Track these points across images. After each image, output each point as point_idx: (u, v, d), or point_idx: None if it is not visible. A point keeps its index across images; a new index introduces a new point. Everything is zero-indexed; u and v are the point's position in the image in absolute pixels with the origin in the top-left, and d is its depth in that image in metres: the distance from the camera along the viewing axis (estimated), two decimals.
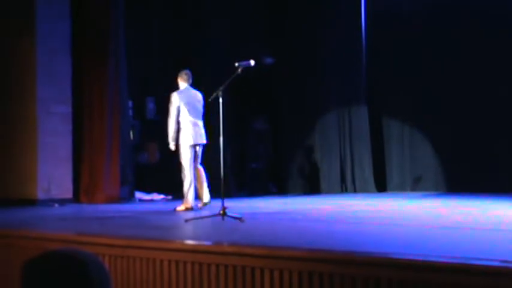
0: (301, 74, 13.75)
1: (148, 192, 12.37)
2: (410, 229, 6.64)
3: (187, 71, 9.91)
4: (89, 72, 11.65)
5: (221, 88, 7.84)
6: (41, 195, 10.90)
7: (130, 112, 12.47)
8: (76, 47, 11.51)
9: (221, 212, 7.26)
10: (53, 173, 11.04)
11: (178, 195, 12.35)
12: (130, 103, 12.35)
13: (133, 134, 12.51)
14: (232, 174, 12.83)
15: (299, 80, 13.82)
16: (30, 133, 11.11)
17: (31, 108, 11.12)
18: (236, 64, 7.90)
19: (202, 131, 9.70)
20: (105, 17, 11.55)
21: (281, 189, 13.46)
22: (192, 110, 9.60)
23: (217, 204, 7.53)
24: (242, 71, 7.86)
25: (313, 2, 13.82)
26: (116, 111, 11.58)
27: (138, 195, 12.06)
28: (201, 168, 9.81)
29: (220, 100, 7.71)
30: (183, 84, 9.81)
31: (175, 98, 9.58)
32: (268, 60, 13.46)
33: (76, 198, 11.35)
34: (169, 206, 11.06)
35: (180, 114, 9.54)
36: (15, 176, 11.20)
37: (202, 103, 9.74)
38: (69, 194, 11.22)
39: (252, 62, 7.90)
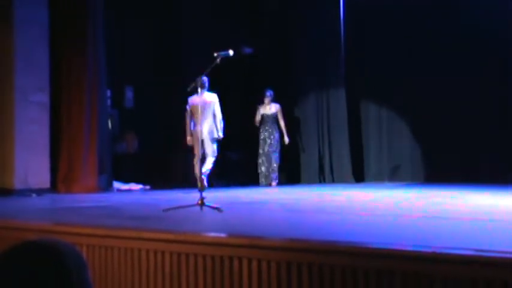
0: (280, 64, 13.81)
1: (127, 182, 12.34)
2: (387, 219, 6.66)
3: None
4: (68, 61, 11.59)
5: (200, 78, 7.82)
6: (18, 185, 10.83)
7: (109, 101, 12.41)
8: (54, 35, 11.44)
9: (199, 202, 7.26)
10: (30, 163, 10.97)
11: (156, 185, 12.37)
12: (108, 92, 12.29)
13: (111, 123, 12.47)
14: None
15: (278, 70, 13.89)
16: (7, 121, 11.03)
17: (8, 97, 11.03)
18: (215, 54, 7.87)
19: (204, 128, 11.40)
20: (84, 5, 11.49)
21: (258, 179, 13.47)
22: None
23: (195, 194, 7.52)
24: (221, 60, 7.85)
25: None
26: (94, 100, 11.52)
27: (116, 185, 12.03)
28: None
29: (199, 90, 7.69)
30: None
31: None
32: (247, 50, 13.47)
33: (54, 188, 11.30)
34: (147, 195, 11.05)
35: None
36: None
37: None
38: (46, 184, 11.16)
39: (231, 52, 7.89)
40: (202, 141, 11.13)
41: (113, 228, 5.69)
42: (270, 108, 13.29)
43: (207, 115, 11.47)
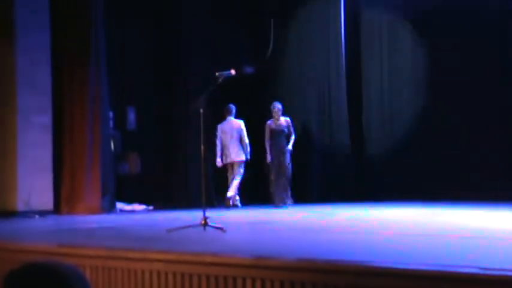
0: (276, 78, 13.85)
1: (130, 202, 12.33)
2: (390, 237, 6.65)
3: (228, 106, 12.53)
4: (70, 83, 11.62)
5: (201, 98, 7.80)
6: (21, 206, 10.83)
7: (111, 122, 12.43)
8: (56, 57, 11.48)
9: (202, 222, 7.25)
10: (33, 184, 10.97)
11: (159, 205, 12.36)
12: (111, 113, 12.31)
13: (114, 144, 12.47)
14: (214, 184, 12.82)
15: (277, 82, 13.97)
16: (10, 143, 11.05)
17: (11, 118, 11.06)
18: (216, 74, 7.88)
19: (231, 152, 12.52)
20: (86, 27, 11.53)
21: (262, 200, 13.41)
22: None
23: (198, 214, 7.52)
24: (223, 80, 7.86)
25: None
26: (97, 121, 11.54)
27: (119, 205, 12.01)
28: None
29: (201, 110, 7.69)
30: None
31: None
32: (249, 70, 13.48)
33: (56, 209, 11.29)
34: (150, 216, 11.04)
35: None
36: None
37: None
38: (49, 205, 11.15)
39: (233, 72, 7.90)
40: (231, 164, 12.57)
41: (116, 249, 5.69)
42: (280, 122, 12.44)
43: (235, 140, 12.54)
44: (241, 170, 12.64)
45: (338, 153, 13.74)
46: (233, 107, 12.59)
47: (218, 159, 12.63)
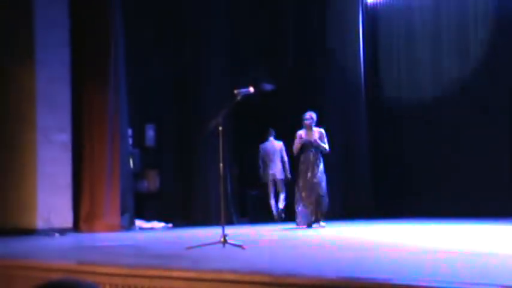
0: (302, 97, 13.78)
1: (148, 220, 12.34)
2: (410, 254, 6.61)
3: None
4: (89, 100, 11.67)
5: (220, 115, 7.79)
6: (40, 224, 10.86)
7: (130, 140, 12.46)
8: (76, 75, 11.53)
9: (222, 239, 7.24)
10: (52, 202, 11.00)
11: (178, 222, 12.36)
12: (130, 131, 12.36)
13: (133, 162, 12.51)
14: (233, 201, 12.83)
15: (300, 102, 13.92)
16: (29, 161, 11.10)
17: (30, 137, 11.11)
18: (235, 91, 7.88)
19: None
20: (105, 45, 11.59)
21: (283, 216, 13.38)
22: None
23: (218, 231, 7.50)
24: (241, 98, 7.86)
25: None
26: (116, 139, 11.57)
27: (138, 223, 12.03)
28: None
29: (220, 128, 7.68)
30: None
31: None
32: (267, 87, 13.48)
33: (76, 227, 11.30)
34: (169, 233, 11.04)
35: None
36: (15, 205, 11.16)
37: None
38: (69, 223, 11.17)
39: (252, 89, 7.90)
40: (274, 181, 13.31)
41: (136, 267, 5.68)
42: (313, 133, 11.31)
43: (276, 159, 13.28)
44: (283, 186, 13.35)
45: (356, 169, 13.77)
46: (273, 130, 13.42)
47: (261, 175, 13.57)
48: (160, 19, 13.34)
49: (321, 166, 11.25)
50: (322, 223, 11.05)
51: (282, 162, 13.28)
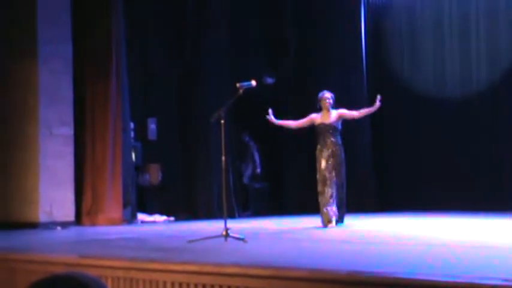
0: (302, 93, 13.75)
1: (151, 213, 12.35)
2: (412, 248, 6.62)
3: None
4: (91, 94, 11.68)
5: (223, 109, 7.79)
6: (43, 218, 10.87)
7: (132, 133, 12.47)
8: (78, 69, 11.54)
9: (224, 232, 7.25)
10: (54, 196, 11.01)
11: (180, 216, 12.37)
12: (132, 124, 12.37)
13: (135, 155, 12.52)
14: (235, 194, 12.82)
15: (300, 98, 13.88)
16: (32, 155, 11.11)
17: (33, 130, 11.13)
18: (237, 85, 7.88)
19: None
20: (107, 39, 11.59)
21: (283, 209, 13.37)
22: None
23: (220, 225, 7.51)
24: (244, 91, 7.86)
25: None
26: (118, 132, 11.58)
27: (140, 216, 12.04)
28: None
29: (222, 121, 7.68)
30: None
31: None
32: (269, 80, 13.48)
33: (78, 220, 11.31)
34: (171, 227, 11.05)
35: None
36: (17, 199, 11.18)
37: None
38: (71, 217, 11.18)
39: (254, 83, 7.90)
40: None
41: (138, 260, 5.70)
42: (330, 115, 9.79)
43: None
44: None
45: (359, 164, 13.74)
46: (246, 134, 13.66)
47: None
48: (162, 14, 13.32)
49: (343, 154, 9.78)
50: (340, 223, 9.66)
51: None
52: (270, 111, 9.88)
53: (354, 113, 9.88)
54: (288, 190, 13.86)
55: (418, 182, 13.33)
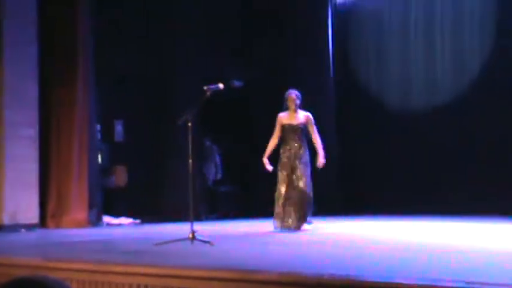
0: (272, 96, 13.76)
1: (117, 216, 12.28)
2: (377, 251, 6.65)
3: None
4: (57, 96, 11.58)
5: (190, 112, 7.77)
6: (6, 220, 10.74)
7: (99, 135, 12.39)
8: (44, 70, 11.43)
9: (190, 235, 7.23)
10: (19, 198, 10.89)
11: (146, 219, 12.31)
12: (98, 126, 12.29)
13: (101, 157, 12.44)
14: (202, 197, 12.79)
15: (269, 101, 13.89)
16: None
17: None
18: (205, 88, 7.88)
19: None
20: (74, 41, 11.50)
21: (251, 213, 13.35)
22: None
23: (186, 227, 7.49)
24: (211, 94, 7.86)
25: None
26: (84, 134, 11.50)
27: (106, 219, 11.96)
28: None
29: (189, 124, 7.67)
30: None
31: None
32: (237, 83, 13.46)
33: (43, 223, 11.20)
34: (137, 229, 10.99)
35: None
36: None
37: None
38: (35, 219, 11.05)
39: (221, 86, 7.92)
40: None
41: (103, 263, 5.66)
42: (297, 116, 9.58)
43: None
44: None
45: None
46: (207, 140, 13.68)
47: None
48: (131, 15, 13.26)
49: (308, 156, 9.56)
50: (306, 225, 9.49)
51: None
52: (265, 161, 9.68)
53: (314, 135, 9.61)
54: (256, 193, 13.84)
55: (386, 184, 13.39)
